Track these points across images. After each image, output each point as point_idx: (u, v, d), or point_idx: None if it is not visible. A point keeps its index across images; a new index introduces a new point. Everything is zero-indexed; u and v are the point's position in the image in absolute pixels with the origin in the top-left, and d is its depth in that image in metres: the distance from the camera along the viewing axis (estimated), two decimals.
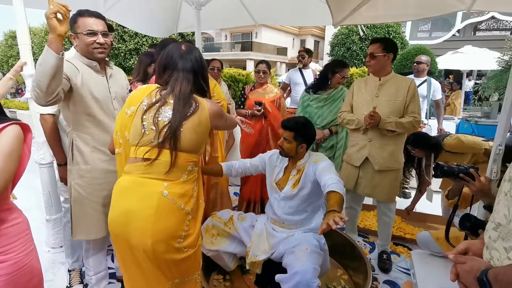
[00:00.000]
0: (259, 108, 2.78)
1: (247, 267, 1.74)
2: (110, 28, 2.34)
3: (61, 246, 2.34)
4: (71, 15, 1.52)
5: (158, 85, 1.35)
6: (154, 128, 1.23)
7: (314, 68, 4.31)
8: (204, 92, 1.39)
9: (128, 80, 1.97)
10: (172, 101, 1.26)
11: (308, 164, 1.81)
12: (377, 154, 2.16)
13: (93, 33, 1.57)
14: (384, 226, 2.36)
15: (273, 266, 1.72)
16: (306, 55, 3.98)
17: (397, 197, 2.36)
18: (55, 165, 2.30)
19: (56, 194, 2.35)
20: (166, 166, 1.24)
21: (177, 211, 1.25)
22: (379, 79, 2.19)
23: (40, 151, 2.25)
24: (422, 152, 2.54)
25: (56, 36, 1.26)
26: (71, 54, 1.73)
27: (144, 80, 2.44)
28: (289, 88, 4.21)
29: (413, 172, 2.82)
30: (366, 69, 6.43)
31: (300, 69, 4.02)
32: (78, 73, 1.57)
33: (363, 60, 10.04)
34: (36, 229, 1.20)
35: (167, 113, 1.24)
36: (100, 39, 1.60)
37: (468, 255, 0.84)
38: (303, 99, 2.90)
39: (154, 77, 2.12)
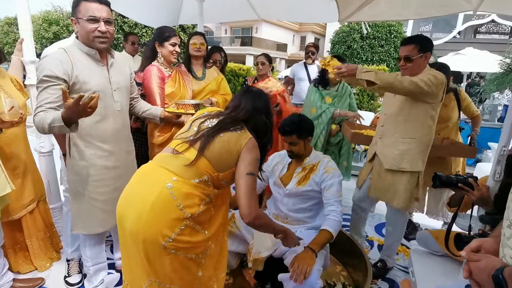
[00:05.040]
0: (277, 108, 2.83)
1: (250, 265, 1.73)
2: None
3: (60, 236, 2.32)
4: None
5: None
6: (196, 129, 1.33)
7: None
8: (258, 137, 1.36)
9: None
10: (222, 118, 1.37)
11: (319, 167, 1.82)
12: (386, 151, 2.04)
13: (95, 20, 1.45)
14: (387, 235, 2.26)
15: (274, 263, 1.72)
16: (315, 50, 3.89)
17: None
18: (54, 153, 2.27)
19: (56, 183, 2.33)
20: (186, 162, 1.25)
21: (173, 209, 1.19)
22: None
23: (40, 139, 2.20)
24: None
25: (79, 118, 1.30)
26: (70, 41, 1.61)
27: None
28: (292, 83, 4.17)
29: None
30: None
31: (305, 64, 3.93)
32: (75, 68, 1.47)
33: (363, 58, 10.00)
34: None
35: (213, 123, 1.35)
36: (102, 27, 1.47)
37: (480, 252, 0.84)
38: (317, 94, 2.87)
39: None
